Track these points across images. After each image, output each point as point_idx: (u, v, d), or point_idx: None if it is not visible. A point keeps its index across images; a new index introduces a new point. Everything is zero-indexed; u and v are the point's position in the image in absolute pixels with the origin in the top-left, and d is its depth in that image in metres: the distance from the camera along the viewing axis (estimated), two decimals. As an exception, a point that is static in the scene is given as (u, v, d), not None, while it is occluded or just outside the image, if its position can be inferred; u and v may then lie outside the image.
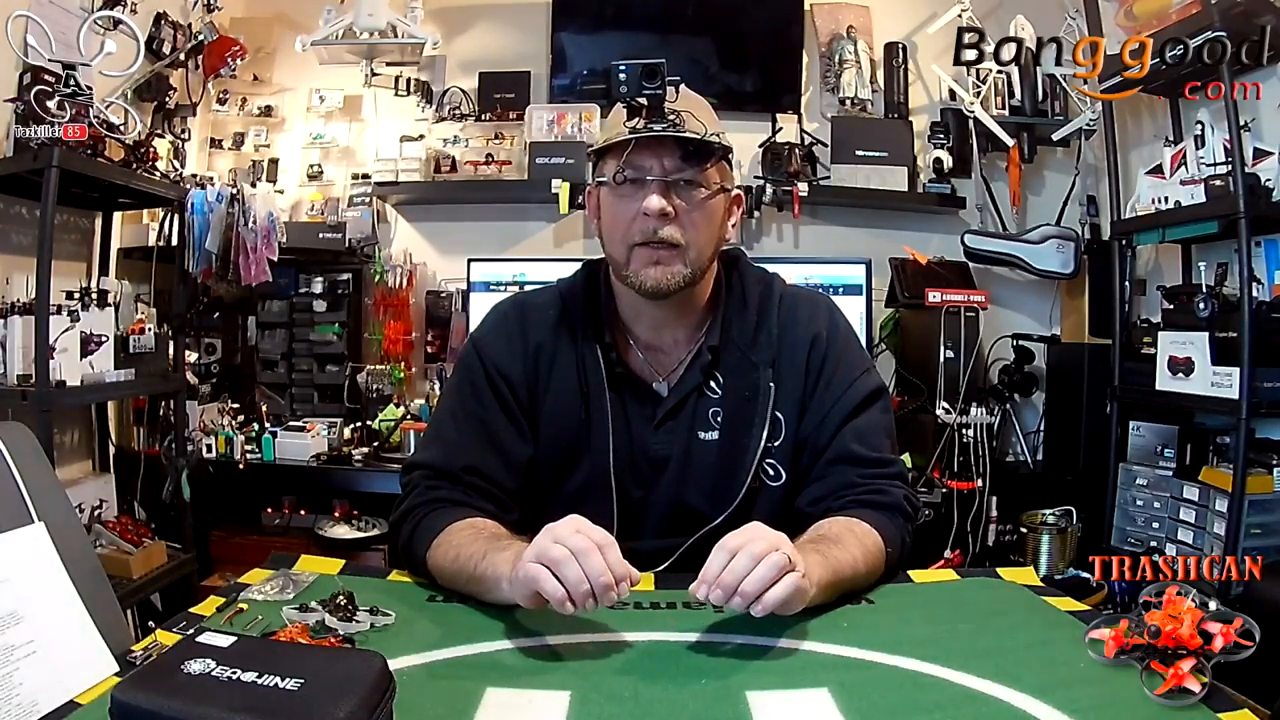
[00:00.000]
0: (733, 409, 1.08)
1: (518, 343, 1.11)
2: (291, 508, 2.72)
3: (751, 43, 3.11)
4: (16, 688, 0.67)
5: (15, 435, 0.84)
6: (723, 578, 0.78)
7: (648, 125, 1.00)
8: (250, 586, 0.93)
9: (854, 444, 1.06)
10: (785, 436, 1.09)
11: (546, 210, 3.03)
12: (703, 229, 1.04)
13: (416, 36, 2.91)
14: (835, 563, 0.90)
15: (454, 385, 1.14)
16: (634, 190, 1.02)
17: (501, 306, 1.17)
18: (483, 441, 1.07)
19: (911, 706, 0.69)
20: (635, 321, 1.12)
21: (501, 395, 1.09)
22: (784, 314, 1.13)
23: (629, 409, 1.10)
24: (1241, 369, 2.03)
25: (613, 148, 1.04)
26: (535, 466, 1.10)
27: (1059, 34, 2.90)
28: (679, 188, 1.02)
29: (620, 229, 1.04)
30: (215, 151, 3.15)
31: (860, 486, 1.05)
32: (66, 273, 2.40)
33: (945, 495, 2.50)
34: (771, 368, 1.09)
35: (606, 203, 1.07)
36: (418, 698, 0.68)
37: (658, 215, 1.00)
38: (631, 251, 1.04)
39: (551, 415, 1.10)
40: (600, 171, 1.08)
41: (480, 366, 1.10)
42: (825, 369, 1.10)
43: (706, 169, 1.03)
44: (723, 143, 1.04)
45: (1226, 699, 0.69)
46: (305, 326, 3.02)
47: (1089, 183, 2.98)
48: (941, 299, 2.58)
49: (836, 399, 1.08)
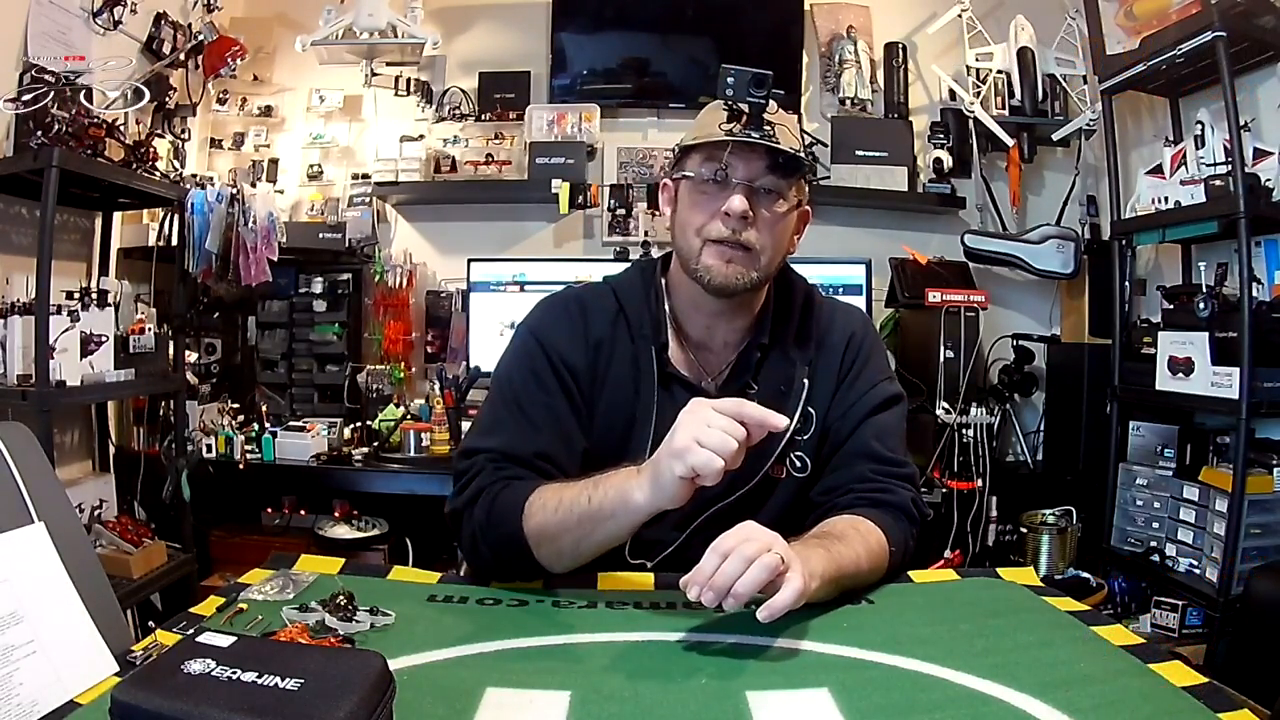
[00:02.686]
0: (766, 401, 1.08)
1: (579, 334, 1.12)
2: (291, 508, 2.72)
3: (751, 43, 3.11)
4: (16, 688, 0.67)
5: (15, 435, 0.84)
6: (715, 580, 0.79)
7: (745, 130, 1.02)
8: (250, 586, 0.93)
9: (872, 440, 1.10)
10: (814, 430, 1.12)
11: (546, 210, 3.03)
12: (776, 238, 1.07)
13: (416, 36, 2.91)
14: (839, 558, 0.91)
15: (512, 373, 1.12)
16: (717, 190, 1.05)
17: (558, 298, 1.18)
18: (551, 428, 1.07)
19: (911, 706, 0.69)
20: (689, 320, 1.14)
21: (565, 384, 1.10)
22: (824, 319, 1.17)
23: (676, 407, 1.09)
24: (1241, 369, 2.03)
25: (702, 146, 1.06)
26: (587, 458, 1.09)
27: (1059, 34, 2.92)
28: (761, 196, 1.05)
29: (698, 223, 1.06)
30: (215, 151, 3.15)
31: (871, 483, 1.07)
32: (66, 273, 2.40)
33: (945, 495, 2.49)
34: (809, 366, 1.13)
35: (686, 197, 1.09)
36: (418, 698, 0.68)
37: (739, 217, 1.03)
38: (705, 246, 1.06)
39: (606, 409, 1.11)
40: (684, 166, 1.09)
41: (543, 354, 1.10)
42: (855, 367, 1.15)
43: (791, 182, 1.06)
44: (810, 161, 1.07)
45: (1226, 699, 0.69)
46: (305, 326, 3.02)
47: (1089, 183, 2.98)
48: (941, 299, 2.59)
49: (861, 395, 1.12)
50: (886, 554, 1.00)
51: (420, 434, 2.68)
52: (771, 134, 1.03)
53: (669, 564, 1.07)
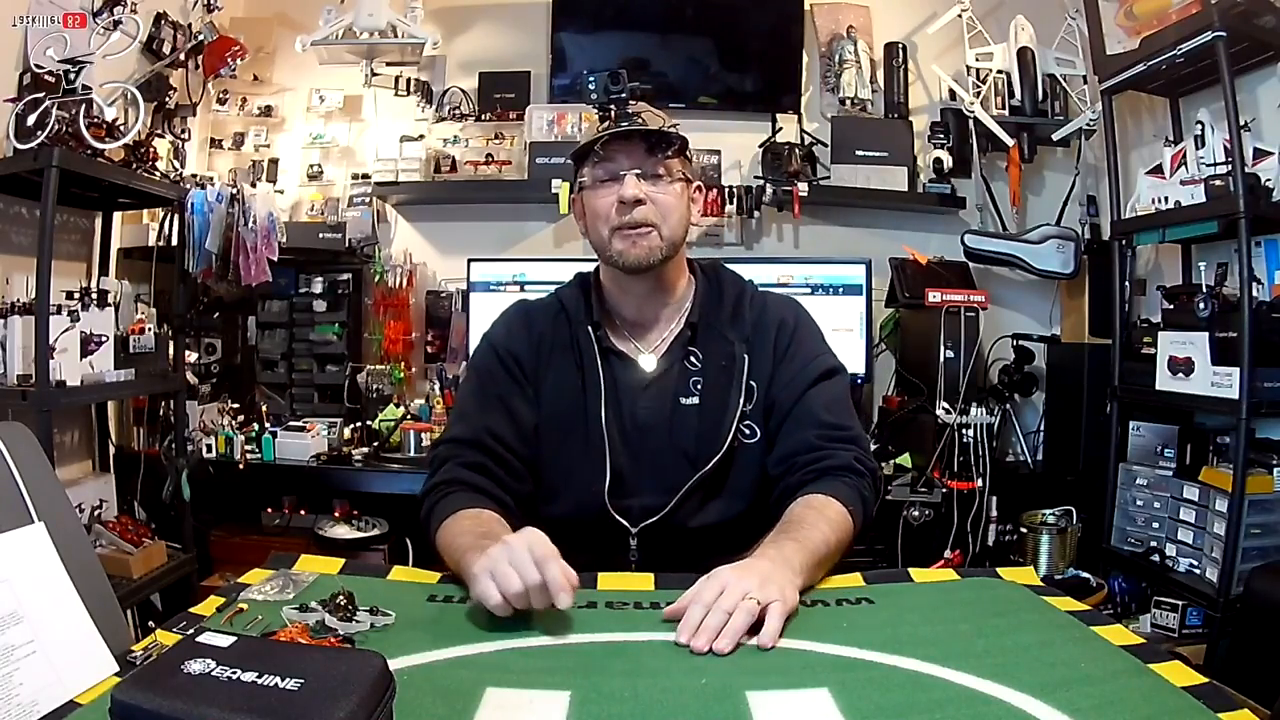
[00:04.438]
0: (711, 377, 1.23)
1: (523, 332, 1.27)
2: (291, 508, 2.72)
3: (751, 43, 3.11)
4: (16, 688, 0.67)
5: (15, 435, 0.84)
6: (700, 635, 0.82)
7: (615, 125, 1.18)
8: (250, 586, 0.93)
9: (813, 407, 1.19)
10: (757, 401, 1.22)
11: (546, 210, 3.03)
12: (671, 210, 1.20)
13: (416, 36, 2.91)
14: (810, 544, 0.99)
15: (472, 376, 1.30)
16: (610, 186, 1.19)
17: (507, 311, 1.34)
18: (499, 411, 1.22)
19: (911, 706, 0.69)
20: (621, 303, 1.28)
21: (511, 371, 1.25)
22: (757, 304, 1.29)
23: (619, 381, 1.24)
24: (1241, 369, 2.03)
25: (585, 152, 1.22)
26: (541, 435, 1.23)
27: (1059, 34, 2.92)
28: (649, 177, 1.18)
29: (601, 216, 1.20)
30: (215, 151, 3.15)
31: (814, 452, 1.16)
32: (66, 273, 2.40)
33: (945, 495, 2.49)
34: (745, 343, 1.24)
35: (590, 200, 1.23)
36: (418, 698, 0.68)
37: (633, 201, 1.16)
38: (613, 234, 1.19)
39: (553, 389, 1.24)
40: (579, 176, 1.25)
41: (493, 352, 1.27)
42: (792, 345, 1.25)
43: (669, 158, 1.20)
44: (679, 134, 1.21)
45: (1226, 699, 0.69)
46: (305, 326, 3.02)
47: (1089, 183, 2.98)
48: (941, 299, 2.58)
49: (802, 368, 1.23)
50: (848, 518, 1.08)
51: (420, 434, 2.69)
52: (640, 120, 1.18)
53: (656, 529, 1.17)
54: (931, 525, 2.48)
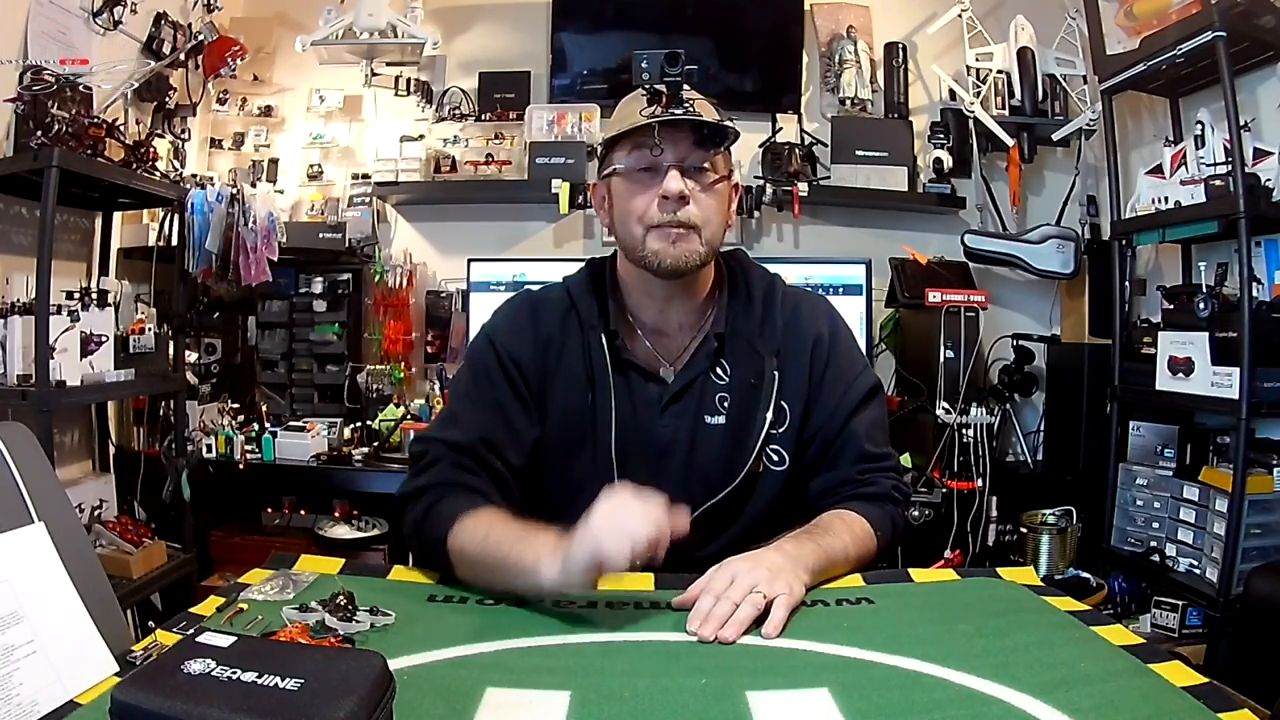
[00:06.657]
0: (740, 394, 1.13)
1: (528, 333, 1.15)
2: (291, 508, 2.72)
3: (752, 43, 3.11)
4: (16, 688, 0.67)
5: (15, 435, 0.84)
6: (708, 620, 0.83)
7: (667, 111, 1.03)
8: (250, 586, 0.93)
9: (857, 437, 1.13)
10: (790, 425, 1.13)
11: (546, 210, 3.03)
12: (715, 211, 1.09)
13: (416, 36, 2.91)
14: (828, 549, 0.99)
15: (468, 372, 1.18)
16: (649, 177, 1.07)
17: (513, 301, 1.21)
18: (496, 419, 1.11)
19: (911, 706, 0.69)
20: (642, 306, 1.16)
21: (512, 378, 1.13)
22: (788, 310, 1.17)
23: (635, 395, 1.13)
24: (1241, 369, 2.03)
25: (628, 136, 1.07)
26: (543, 450, 1.13)
27: (1059, 34, 2.92)
28: (693, 172, 1.07)
29: (638, 212, 1.08)
30: (215, 151, 3.15)
31: (856, 482, 1.12)
32: (66, 273, 2.40)
33: (945, 495, 2.49)
34: (776, 356, 1.14)
35: (620, 190, 1.10)
36: (418, 698, 0.68)
37: (677, 198, 1.05)
38: (649, 232, 1.07)
39: (559, 400, 1.14)
40: (612, 161, 1.11)
41: (493, 353, 1.15)
42: (830, 366, 1.15)
43: (718, 154, 1.08)
44: (734, 129, 1.09)
45: (1226, 699, 0.69)
46: (305, 326, 3.02)
47: (1089, 183, 2.98)
48: (941, 299, 2.58)
49: (844, 393, 1.14)
50: (872, 538, 1.06)
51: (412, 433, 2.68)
52: (693, 109, 1.04)
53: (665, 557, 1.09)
54: (931, 525, 2.48)
